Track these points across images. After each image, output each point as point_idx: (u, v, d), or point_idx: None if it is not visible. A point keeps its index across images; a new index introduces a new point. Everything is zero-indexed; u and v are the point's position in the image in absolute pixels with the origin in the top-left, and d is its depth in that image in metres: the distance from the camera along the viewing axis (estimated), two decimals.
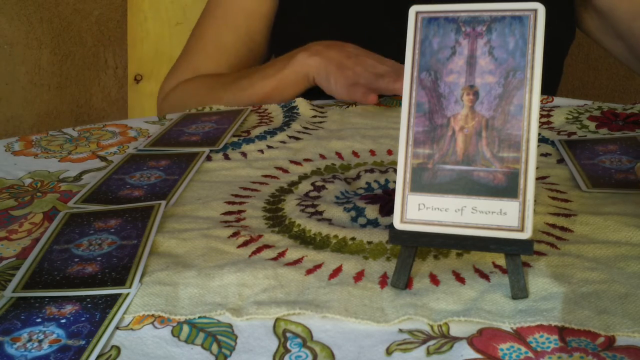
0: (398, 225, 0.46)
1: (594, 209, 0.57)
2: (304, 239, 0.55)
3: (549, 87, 0.90)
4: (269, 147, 0.76)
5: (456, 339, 0.42)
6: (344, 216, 0.58)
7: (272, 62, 1.00)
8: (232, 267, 0.50)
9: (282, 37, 1.08)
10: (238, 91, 0.98)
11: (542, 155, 0.70)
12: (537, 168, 0.50)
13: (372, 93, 0.84)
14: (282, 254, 0.52)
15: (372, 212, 0.58)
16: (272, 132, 0.80)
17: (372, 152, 0.73)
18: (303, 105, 0.87)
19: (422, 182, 0.46)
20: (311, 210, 0.59)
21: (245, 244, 0.55)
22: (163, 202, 0.61)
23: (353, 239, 0.54)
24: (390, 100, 0.89)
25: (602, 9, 0.93)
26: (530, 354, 0.40)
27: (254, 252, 0.53)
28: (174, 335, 0.44)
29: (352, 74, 0.87)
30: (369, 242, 0.53)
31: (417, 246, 0.47)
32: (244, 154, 0.74)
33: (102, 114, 1.77)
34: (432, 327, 0.44)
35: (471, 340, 0.42)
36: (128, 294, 0.48)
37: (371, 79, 0.87)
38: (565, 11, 0.97)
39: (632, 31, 0.90)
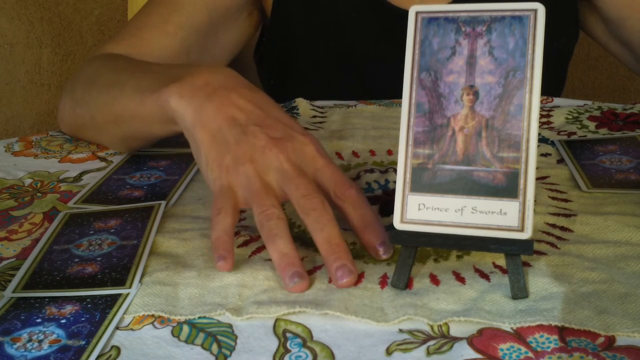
0: (398, 225, 0.46)
1: (594, 209, 0.57)
2: (304, 240, 0.55)
3: (552, 94, 0.88)
4: None
5: (456, 339, 0.42)
6: None
7: (167, 68, 0.69)
8: (232, 268, 0.50)
9: (273, 55, 1.02)
10: (106, 101, 0.72)
11: (542, 155, 0.70)
12: (537, 168, 0.50)
13: (226, 255, 0.50)
14: None
15: None
16: None
17: (372, 152, 0.73)
18: (303, 105, 0.87)
19: (422, 182, 0.46)
20: None
21: (245, 243, 0.55)
22: (163, 202, 0.61)
23: (354, 243, 0.54)
24: (389, 102, 0.89)
25: (611, 18, 0.91)
26: (530, 354, 0.40)
27: (254, 252, 0.53)
28: (174, 336, 0.44)
29: (230, 160, 0.54)
30: None
31: (417, 246, 0.47)
32: None
33: None
34: (432, 327, 0.44)
35: (471, 340, 0.42)
36: (128, 294, 0.48)
37: (258, 191, 0.53)
38: (568, 19, 0.96)
39: None
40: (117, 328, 0.45)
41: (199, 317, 0.46)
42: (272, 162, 0.53)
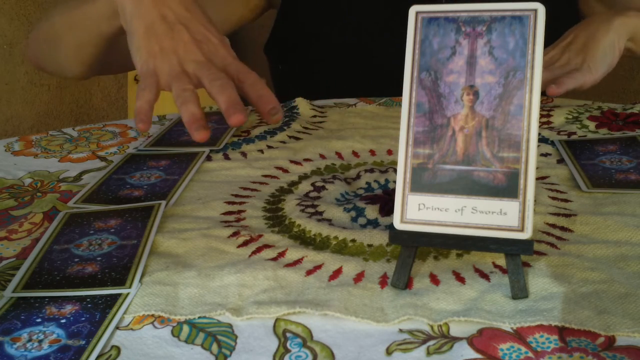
0: (398, 225, 0.46)
1: (594, 209, 0.58)
2: (304, 240, 0.55)
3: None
4: (269, 147, 0.76)
5: (456, 339, 0.42)
6: (344, 216, 0.58)
7: None
8: (232, 268, 0.50)
9: (283, 42, 1.05)
10: (63, 10, 0.83)
11: (542, 155, 0.70)
12: (537, 168, 0.50)
13: (145, 120, 0.64)
14: (282, 254, 0.52)
15: (372, 212, 0.58)
16: (272, 132, 0.80)
17: (372, 152, 0.73)
18: (303, 105, 0.87)
19: (422, 182, 0.46)
20: (311, 210, 0.59)
21: (245, 243, 0.55)
22: (163, 202, 0.61)
23: (353, 240, 0.54)
24: (389, 102, 0.89)
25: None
26: (530, 354, 0.40)
27: (254, 252, 0.53)
28: (174, 335, 0.44)
29: (158, 50, 0.67)
30: (369, 245, 0.53)
31: (417, 246, 0.47)
32: (244, 154, 0.74)
33: (102, 114, 1.77)
34: (432, 327, 0.44)
35: (471, 340, 0.42)
36: (128, 294, 0.48)
37: (178, 74, 0.66)
38: (568, 13, 0.96)
39: None
40: (117, 328, 0.45)
41: (199, 317, 0.46)
42: (191, 55, 0.67)
